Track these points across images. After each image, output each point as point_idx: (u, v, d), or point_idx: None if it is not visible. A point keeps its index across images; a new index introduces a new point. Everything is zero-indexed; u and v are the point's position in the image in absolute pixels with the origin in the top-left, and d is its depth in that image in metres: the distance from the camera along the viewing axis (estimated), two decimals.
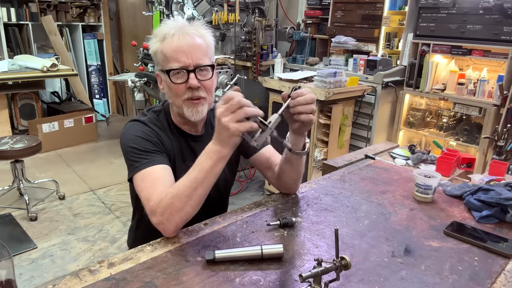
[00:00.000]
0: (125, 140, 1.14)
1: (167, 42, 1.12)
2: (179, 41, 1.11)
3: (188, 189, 0.96)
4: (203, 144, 1.24)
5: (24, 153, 2.90)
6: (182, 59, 1.10)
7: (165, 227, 0.99)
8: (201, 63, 1.12)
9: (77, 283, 0.84)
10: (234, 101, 0.92)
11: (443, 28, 2.78)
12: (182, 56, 1.10)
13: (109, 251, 2.57)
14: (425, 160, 1.78)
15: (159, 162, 1.10)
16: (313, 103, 1.04)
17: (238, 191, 3.51)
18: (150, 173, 1.07)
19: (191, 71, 1.11)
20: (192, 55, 1.11)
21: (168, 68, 1.11)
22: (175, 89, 1.13)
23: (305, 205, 1.22)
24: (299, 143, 1.13)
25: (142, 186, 1.06)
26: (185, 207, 0.97)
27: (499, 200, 1.16)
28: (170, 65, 1.11)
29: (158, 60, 1.15)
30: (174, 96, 1.15)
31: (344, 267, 0.83)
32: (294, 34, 3.74)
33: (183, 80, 1.12)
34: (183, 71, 1.11)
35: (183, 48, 1.10)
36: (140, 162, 1.09)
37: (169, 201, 0.97)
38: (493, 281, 0.89)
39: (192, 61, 1.11)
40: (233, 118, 0.91)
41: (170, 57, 1.11)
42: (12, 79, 3.93)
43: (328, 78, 2.72)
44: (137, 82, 3.85)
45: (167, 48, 1.11)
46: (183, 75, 1.11)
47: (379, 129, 3.09)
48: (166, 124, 1.22)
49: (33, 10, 4.67)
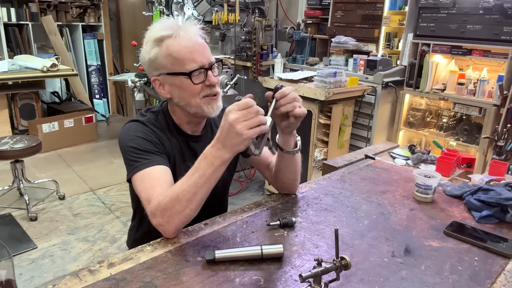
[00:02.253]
0: (125, 140, 1.14)
1: (172, 44, 1.09)
2: (190, 41, 1.10)
3: (188, 194, 0.96)
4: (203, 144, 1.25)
5: (24, 153, 2.90)
6: (199, 59, 1.10)
7: (165, 229, 0.99)
8: (213, 60, 1.15)
9: (77, 283, 0.84)
10: (252, 110, 0.91)
11: (443, 28, 2.78)
12: (198, 55, 1.10)
13: (109, 251, 2.57)
14: (425, 160, 1.78)
15: (158, 162, 1.09)
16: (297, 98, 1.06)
17: (238, 191, 3.51)
18: (149, 174, 1.06)
19: (208, 69, 1.12)
20: (205, 53, 1.12)
21: (186, 70, 1.10)
22: (194, 89, 1.12)
23: (305, 205, 1.22)
24: (290, 142, 1.14)
25: (142, 187, 1.05)
26: (185, 210, 0.97)
27: (499, 200, 1.16)
28: (188, 67, 1.10)
29: (161, 65, 1.12)
30: (190, 97, 1.14)
31: (344, 267, 0.83)
32: (294, 34, 3.74)
33: (202, 79, 1.12)
34: (202, 70, 1.11)
35: (196, 48, 1.10)
36: (140, 162, 1.08)
37: (169, 204, 0.97)
38: (493, 281, 0.89)
39: (207, 59, 1.12)
40: (248, 125, 0.91)
41: (184, 58, 1.09)
42: (12, 79, 3.93)
43: (328, 78, 2.72)
44: (137, 82, 3.85)
45: (176, 50, 1.09)
46: (200, 74, 1.12)
47: (379, 129, 3.09)
48: (165, 125, 1.21)
49: (33, 10, 4.67)
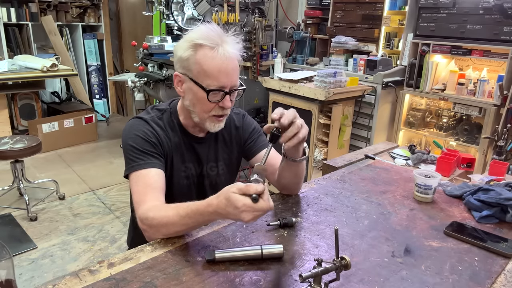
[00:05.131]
0: (126, 138, 1.17)
1: (206, 56, 1.09)
2: (223, 61, 1.09)
3: (177, 226, 0.98)
4: (206, 146, 1.27)
5: (24, 153, 2.90)
6: (223, 81, 1.10)
7: (149, 236, 1.02)
8: (236, 84, 1.14)
9: (77, 283, 0.84)
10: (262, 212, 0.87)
11: (443, 28, 2.78)
12: (224, 78, 1.10)
13: (109, 251, 2.57)
14: (425, 160, 1.77)
15: (154, 165, 1.12)
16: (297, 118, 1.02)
17: None
18: (144, 176, 1.09)
19: (227, 93, 1.12)
20: (232, 77, 1.12)
21: (207, 87, 1.10)
22: (206, 105, 1.13)
23: (305, 205, 1.22)
24: (299, 152, 1.13)
25: (135, 188, 1.09)
26: (171, 233, 1.00)
27: (499, 200, 1.16)
28: (209, 83, 1.10)
29: (189, 67, 1.12)
30: (201, 111, 1.15)
31: (344, 267, 0.83)
32: (294, 34, 3.74)
33: (218, 99, 1.12)
34: (221, 92, 1.11)
35: (226, 71, 1.10)
36: (137, 163, 1.11)
37: (157, 226, 0.99)
38: (493, 281, 0.89)
39: (231, 83, 1.12)
40: (254, 218, 0.86)
41: (210, 75, 1.09)
42: (12, 79, 3.93)
43: (328, 78, 2.72)
44: (137, 82, 3.86)
45: (208, 64, 1.09)
46: (218, 94, 1.12)
47: (379, 129, 3.09)
48: (170, 124, 1.22)
49: (33, 10, 4.66)
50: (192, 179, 1.26)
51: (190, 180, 1.26)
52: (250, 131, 1.34)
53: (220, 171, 1.31)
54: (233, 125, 1.32)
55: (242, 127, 1.33)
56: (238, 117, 1.34)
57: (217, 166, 1.30)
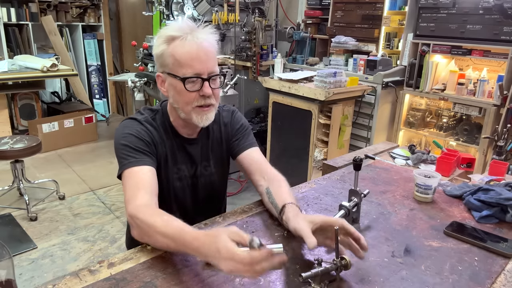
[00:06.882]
0: (118, 137, 1.15)
1: (178, 46, 1.09)
2: (193, 47, 1.08)
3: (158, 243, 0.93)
4: (198, 147, 1.25)
5: (24, 153, 2.90)
6: (197, 67, 1.09)
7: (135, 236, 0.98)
8: (214, 71, 1.13)
9: (77, 283, 0.84)
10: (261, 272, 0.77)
11: (443, 28, 2.78)
12: (197, 63, 1.09)
13: (109, 251, 2.57)
14: (425, 160, 1.77)
15: (146, 163, 1.10)
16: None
17: (238, 191, 3.51)
18: (136, 174, 1.07)
19: (205, 80, 1.11)
20: (207, 63, 1.10)
21: (182, 75, 1.09)
22: (187, 97, 1.11)
23: (305, 205, 1.22)
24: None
25: (127, 185, 1.06)
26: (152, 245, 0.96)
27: (499, 200, 1.16)
28: (184, 72, 1.09)
29: (164, 62, 1.12)
30: (184, 103, 1.13)
31: (344, 267, 0.83)
32: (294, 34, 3.74)
33: (197, 88, 1.11)
34: (198, 79, 1.10)
35: (198, 55, 1.09)
36: (129, 160, 1.09)
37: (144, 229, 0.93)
38: (493, 281, 0.89)
39: (207, 69, 1.10)
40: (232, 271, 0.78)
41: (184, 63, 1.08)
42: (12, 79, 3.92)
43: (328, 78, 2.72)
44: (137, 82, 3.85)
45: (179, 53, 1.08)
46: (197, 83, 1.10)
47: (379, 129, 3.09)
48: (162, 125, 1.21)
49: (33, 10, 4.66)
50: (185, 181, 1.25)
51: (183, 182, 1.24)
52: (237, 127, 1.30)
53: (213, 170, 1.29)
54: (222, 122, 1.30)
55: (230, 124, 1.30)
56: (227, 114, 1.32)
57: (210, 165, 1.28)
